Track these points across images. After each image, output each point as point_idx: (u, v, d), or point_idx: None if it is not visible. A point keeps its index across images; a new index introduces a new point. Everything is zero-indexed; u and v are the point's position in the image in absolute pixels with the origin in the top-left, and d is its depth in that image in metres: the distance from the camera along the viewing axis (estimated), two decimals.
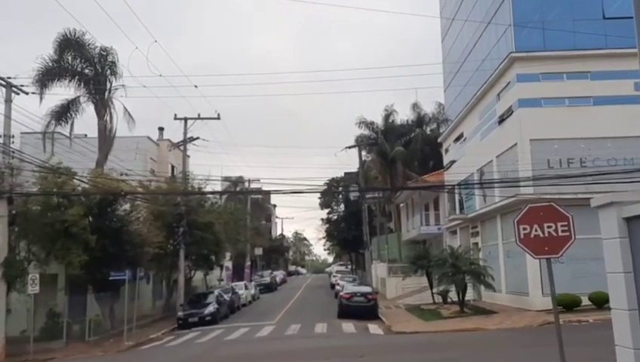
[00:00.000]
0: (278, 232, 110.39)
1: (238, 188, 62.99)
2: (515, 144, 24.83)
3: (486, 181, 26.57)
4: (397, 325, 22.21)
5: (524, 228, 7.28)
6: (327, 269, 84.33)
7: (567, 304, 20.89)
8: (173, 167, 46.28)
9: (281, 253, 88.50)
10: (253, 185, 77.15)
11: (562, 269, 22.32)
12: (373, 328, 22.05)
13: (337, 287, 36.29)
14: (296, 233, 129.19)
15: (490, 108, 29.04)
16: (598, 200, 6.81)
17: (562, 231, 7.18)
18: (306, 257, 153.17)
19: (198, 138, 30.76)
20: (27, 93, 21.28)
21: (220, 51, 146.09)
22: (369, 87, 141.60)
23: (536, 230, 7.17)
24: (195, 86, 25.37)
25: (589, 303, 21.24)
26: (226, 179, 36.48)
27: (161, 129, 46.05)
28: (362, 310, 25.45)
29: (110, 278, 21.71)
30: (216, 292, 29.73)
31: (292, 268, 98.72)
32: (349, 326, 22.37)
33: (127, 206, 24.27)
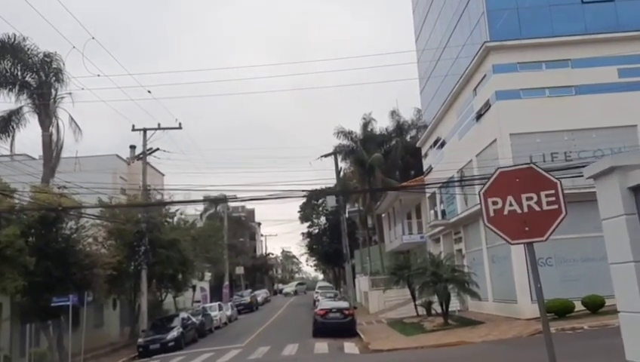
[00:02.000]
0: (264, 251, 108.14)
1: (219, 207, 60.99)
2: (495, 140, 23.12)
3: (466, 178, 24.73)
4: (375, 342, 20.16)
5: (494, 203, 5.27)
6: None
7: (559, 310, 19.07)
8: (148, 189, 44.08)
9: (265, 271, 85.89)
10: (234, 203, 75.35)
11: (551, 272, 20.53)
12: (349, 347, 19.96)
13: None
14: (283, 250, 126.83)
15: (466, 105, 27.40)
16: (594, 167, 4.91)
17: (548, 203, 5.19)
18: (296, 275, 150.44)
19: (157, 149, 28.71)
20: None
21: (199, 72, 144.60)
22: (349, 102, 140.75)
23: (511, 204, 5.15)
24: (149, 91, 23.33)
25: (583, 308, 19.48)
26: (206, 198, 34.29)
27: (132, 147, 43.95)
28: (338, 327, 23.35)
29: (52, 304, 19.41)
30: (182, 315, 27.38)
31: (280, 286, 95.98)
32: (322, 346, 20.24)
33: (72, 223, 22.01)
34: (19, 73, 23.20)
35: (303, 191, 18.06)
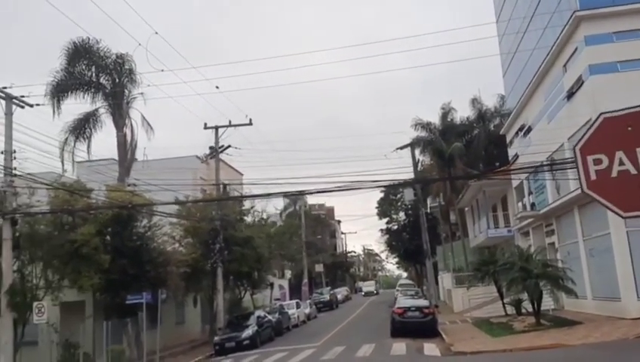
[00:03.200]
0: (346, 248, 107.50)
1: (297, 206, 60.87)
2: (589, 120, 20.68)
3: (559, 161, 22.35)
4: (458, 343, 18.57)
5: (597, 161, 3.83)
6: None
7: None
8: (225, 186, 44.52)
9: (346, 269, 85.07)
10: (312, 201, 75.06)
11: None
12: (429, 348, 18.51)
13: None
14: (364, 248, 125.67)
15: (555, 83, 24.98)
16: None
17: None
18: (379, 273, 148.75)
19: (229, 146, 28.46)
20: (32, 106, 19.60)
21: (273, 72, 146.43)
22: (427, 96, 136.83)
23: (621, 162, 3.70)
24: (217, 87, 22.86)
25: None
26: (270, 194, 33.90)
27: (212, 148, 44.52)
28: (418, 326, 21.90)
29: (127, 302, 19.46)
30: (257, 313, 26.96)
31: (360, 284, 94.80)
32: (399, 347, 18.94)
33: (145, 222, 22.08)
34: (93, 75, 23.69)
35: (374, 181, 16.81)
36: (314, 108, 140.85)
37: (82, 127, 23.60)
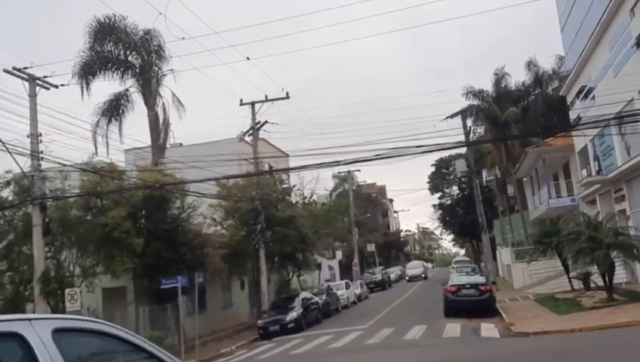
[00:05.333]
0: (399, 227, 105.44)
1: (346, 185, 59.35)
2: None
3: (628, 113, 19.84)
4: (520, 323, 16.74)
5: None
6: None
7: None
8: (270, 167, 43.56)
9: (399, 248, 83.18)
10: (365, 182, 73.21)
11: None
12: (487, 329, 16.76)
13: None
14: (418, 226, 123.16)
15: (621, 32, 22.21)
16: None
17: None
18: (435, 251, 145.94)
19: (266, 122, 27.23)
20: (57, 87, 18.91)
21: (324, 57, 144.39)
22: (477, 65, 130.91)
23: None
24: (248, 58, 21.48)
25: None
26: (319, 166, 32.57)
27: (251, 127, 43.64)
28: (473, 305, 20.09)
29: (162, 287, 18.64)
30: (302, 294, 25.81)
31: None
32: (453, 328, 17.28)
33: (179, 203, 21.16)
34: (121, 53, 22.89)
35: (418, 147, 15.11)
36: (359, 86, 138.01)
37: (114, 108, 22.88)
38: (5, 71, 16.87)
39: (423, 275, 53.88)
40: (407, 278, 53.67)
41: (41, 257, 17.44)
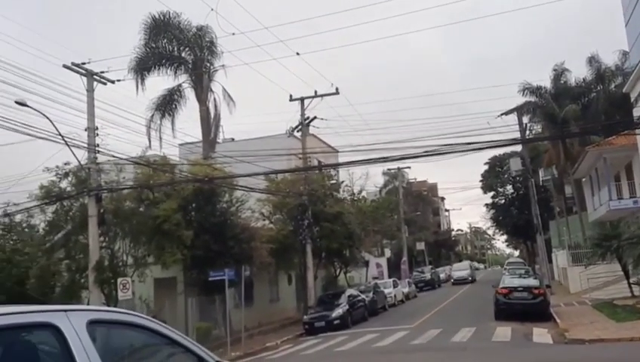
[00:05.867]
0: (450, 226, 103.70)
1: (397, 182, 58.77)
2: None
3: None
4: (575, 329, 16.02)
5: None
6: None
7: None
8: (319, 162, 43.61)
9: (450, 247, 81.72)
10: (417, 179, 72.21)
11: None
12: (539, 334, 16.14)
13: None
14: (470, 226, 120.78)
15: None
16: None
17: None
18: (488, 251, 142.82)
19: (315, 118, 27.22)
20: (113, 82, 19.49)
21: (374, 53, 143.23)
22: (535, 63, 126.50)
23: None
24: (297, 53, 21.48)
25: None
26: (368, 162, 32.38)
27: (307, 125, 43.73)
28: (526, 308, 19.39)
29: (210, 279, 18.92)
30: (348, 292, 25.66)
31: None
32: (504, 332, 16.73)
33: (228, 197, 21.41)
34: (175, 50, 23.34)
35: (468, 144, 14.65)
36: (410, 82, 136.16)
37: (167, 103, 23.39)
38: (64, 66, 17.50)
39: (470, 278, 48.54)
40: (452, 281, 49.11)
41: (96, 247, 18.04)
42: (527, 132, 36.14)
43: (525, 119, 38.24)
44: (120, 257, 19.30)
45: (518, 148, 37.83)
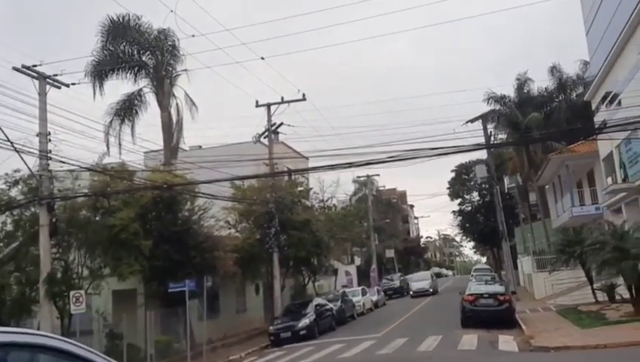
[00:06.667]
0: (420, 234, 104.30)
1: (367, 190, 58.71)
2: None
3: None
4: (540, 336, 15.94)
5: None
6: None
7: None
8: (288, 169, 43.11)
9: (419, 254, 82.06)
10: (386, 187, 72.33)
11: None
12: (505, 341, 15.99)
13: None
14: (439, 233, 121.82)
15: None
16: None
17: None
18: (457, 258, 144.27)
19: (282, 124, 26.81)
20: (68, 85, 18.68)
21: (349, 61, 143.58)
22: (499, 72, 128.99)
23: None
24: (262, 58, 21.01)
25: None
26: (355, 180, 32.40)
27: (276, 133, 43.22)
28: (492, 316, 19.30)
29: (169, 290, 18.24)
30: (315, 300, 25.23)
31: (435, 270, 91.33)
32: (470, 340, 16.54)
33: (190, 205, 20.77)
34: (135, 53, 22.65)
35: (432, 149, 14.48)
36: (381, 88, 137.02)
37: (127, 109, 22.64)
38: (15, 69, 16.70)
39: (431, 290, 41.64)
40: (410, 293, 42.03)
41: (47, 258, 17.15)
42: (492, 139, 36.49)
43: (490, 127, 38.71)
44: (74, 269, 18.43)
45: (484, 155, 38.19)
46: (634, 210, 25.25)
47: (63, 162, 16.96)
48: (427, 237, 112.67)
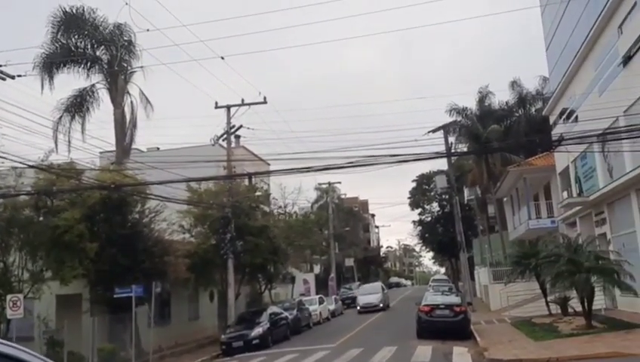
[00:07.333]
0: (381, 243, 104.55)
1: (328, 198, 58.42)
2: None
3: (613, 130, 19.15)
4: (494, 348, 15.80)
5: None
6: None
7: None
8: (249, 175, 42.33)
9: (379, 264, 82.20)
10: (348, 195, 72.15)
11: None
12: (459, 353, 15.80)
13: None
14: (399, 243, 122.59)
15: (607, 50, 21.69)
16: None
17: None
18: (416, 269, 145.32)
19: (241, 126, 26.23)
20: (13, 77, 17.64)
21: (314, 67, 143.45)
22: (462, 85, 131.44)
23: None
24: (222, 57, 20.42)
25: None
26: (317, 188, 32.00)
27: (237, 137, 42.47)
28: (447, 327, 19.15)
29: (115, 296, 17.37)
30: (270, 309, 24.63)
31: (394, 279, 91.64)
32: (424, 351, 16.28)
33: (140, 207, 19.92)
34: (89, 47, 21.71)
35: (393, 156, 14.23)
36: (343, 96, 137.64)
37: (78, 105, 21.64)
38: None
39: (381, 304, 36.07)
40: (357, 308, 36.10)
41: None
42: (453, 150, 36.77)
43: (452, 138, 39.02)
44: (13, 271, 17.35)
45: (445, 166, 38.42)
46: (588, 223, 25.68)
47: (4, 158, 15.91)
48: (387, 247, 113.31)
